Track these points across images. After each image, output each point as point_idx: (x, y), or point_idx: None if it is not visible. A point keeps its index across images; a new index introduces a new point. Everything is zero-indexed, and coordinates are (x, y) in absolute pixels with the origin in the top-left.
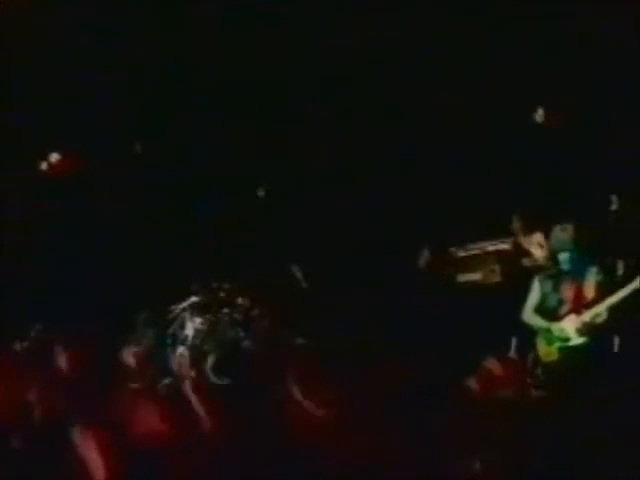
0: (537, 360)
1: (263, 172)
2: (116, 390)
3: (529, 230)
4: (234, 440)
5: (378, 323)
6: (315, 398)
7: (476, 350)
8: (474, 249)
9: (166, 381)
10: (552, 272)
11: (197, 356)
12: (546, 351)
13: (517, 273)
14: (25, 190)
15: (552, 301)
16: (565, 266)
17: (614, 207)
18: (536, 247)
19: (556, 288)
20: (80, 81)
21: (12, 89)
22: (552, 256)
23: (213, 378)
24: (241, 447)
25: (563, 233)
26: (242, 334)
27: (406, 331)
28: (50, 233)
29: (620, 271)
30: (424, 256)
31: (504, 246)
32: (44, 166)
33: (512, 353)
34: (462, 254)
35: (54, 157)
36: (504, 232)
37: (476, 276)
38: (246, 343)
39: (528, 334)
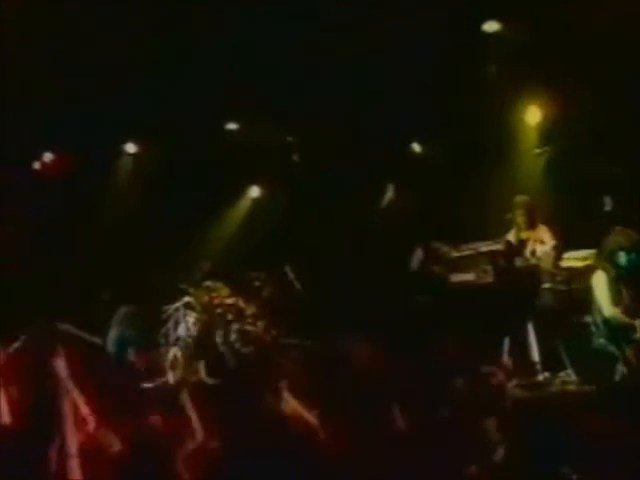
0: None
1: (259, 173)
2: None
3: (532, 224)
4: (227, 440)
5: (372, 323)
6: (308, 398)
7: (469, 350)
8: (467, 249)
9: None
10: (613, 271)
11: (190, 356)
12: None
13: (509, 273)
14: (19, 189)
15: (627, 300)
16: (623, 266)
17: (607, 208)
18: (535, 242)
19: (626, 287)
20: (75, 81)
21: (7, 89)
22: (608, 255)
23: (206, 378)
24: (235, 446)
25: (621, 234)
26: (235, 334)
27: (400, 331)
28: (45, 232)
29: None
30: (417, 256)
31: (497, 247)
32: (37, 166)
33: (505, 353)
34: (455, 254)
35: (47, 157)
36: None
37: (469, 276)
38: (239, 344)
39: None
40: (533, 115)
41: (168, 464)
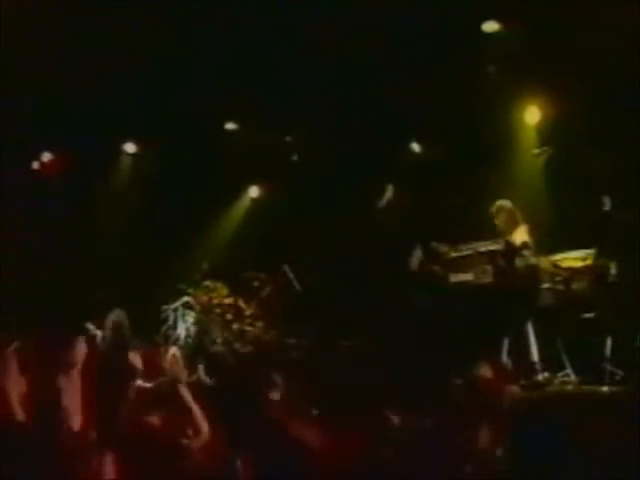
0: None
1: (259, 173)
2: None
3: (514, 228)
4: (225, 439)
5: (370, 323)
6: (306, 398)
7: (468, 350)
8: (466, 249)
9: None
10: None
11: (189, 356)
12: None
13: (509, 273)
14: (17, 189)
15: None
16: None
17: (606, 208)
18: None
19: None
20: (75, 81)
21: (7, 89)
22: None
23: (205, 378)
24: (232, 446)
25: None
26: (234, 335)
27: (398, 331)
28: (44, 232)
29: (613, 271)
30: (416, 256)
31: (496, 246)
32: (37, 166)
33: (504, 353)
34: (454, 254)
35: (47, 157)
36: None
37: (468, 276)
38: (238, 344)
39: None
40: (533, 115)
41: (166, 464)
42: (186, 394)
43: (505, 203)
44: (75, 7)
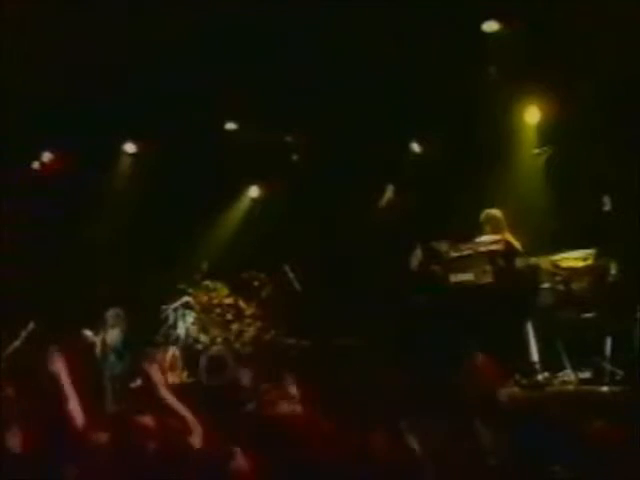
0: None
1: (259, 173)
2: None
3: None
4: (224, 440)
5: (370, 323)
6: (306, 398)
7: (468, 350)
8: (466, 249)
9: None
10: None
11: (189, 356)
12: None
13: (509, 273)
14: (17, 189)
15: None
16: None
17: (606, 208)
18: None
19: None
20: (75, 81)
21: (7, 89)
22: None
23: (205, 378)
24: (230, 446)
25: None
26: (234, 335)
27: (398, 331)
28: (44, 232)
29: (613, 271)
30: (416, 256)
31: (496, 246)
32: (37, 166)
33: (504, 354)
34: (454, 254)
35: (47, 157)
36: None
37: (468, 276)
38: (238, 344)
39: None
40: (533, 115)
41: (163, 464)
42: (167, 395)
43: (493, 212)
44: (75, 6)
